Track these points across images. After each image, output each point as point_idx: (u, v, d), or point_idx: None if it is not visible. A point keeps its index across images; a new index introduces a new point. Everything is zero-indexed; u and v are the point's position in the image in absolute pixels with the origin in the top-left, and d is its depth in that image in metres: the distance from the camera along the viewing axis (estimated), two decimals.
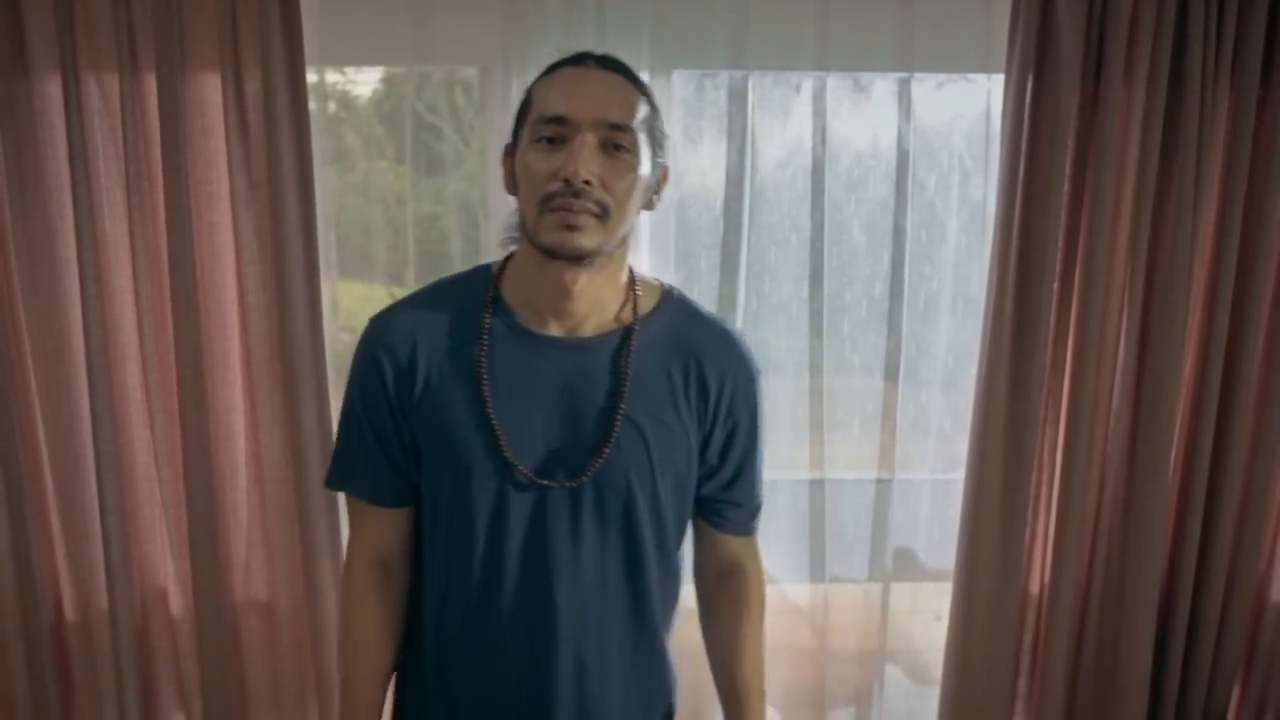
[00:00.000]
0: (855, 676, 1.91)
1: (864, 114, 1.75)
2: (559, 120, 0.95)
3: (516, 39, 1.65)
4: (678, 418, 1.04)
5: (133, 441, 1.69)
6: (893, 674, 1.93)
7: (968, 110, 1.75)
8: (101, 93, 1.57)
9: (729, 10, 1.69)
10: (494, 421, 1.00)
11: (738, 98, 1.72)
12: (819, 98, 1.71)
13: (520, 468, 1.01)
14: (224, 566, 1.74)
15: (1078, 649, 1.84)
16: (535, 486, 1.01)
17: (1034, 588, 1.83)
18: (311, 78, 1.60)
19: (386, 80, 1.79)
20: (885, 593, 1.89)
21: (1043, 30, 1.60)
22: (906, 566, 1.90)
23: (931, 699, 1.88)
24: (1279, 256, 1.70)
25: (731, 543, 1.15)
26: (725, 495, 1.11)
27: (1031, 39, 1.59)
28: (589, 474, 1.01)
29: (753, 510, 1.15)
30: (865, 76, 1.74)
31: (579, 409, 1.02)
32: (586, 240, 0.94)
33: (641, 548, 1.05)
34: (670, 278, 1.77)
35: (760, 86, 1.72)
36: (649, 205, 1.03)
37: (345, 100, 1.80)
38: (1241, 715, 1.91)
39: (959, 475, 1.80)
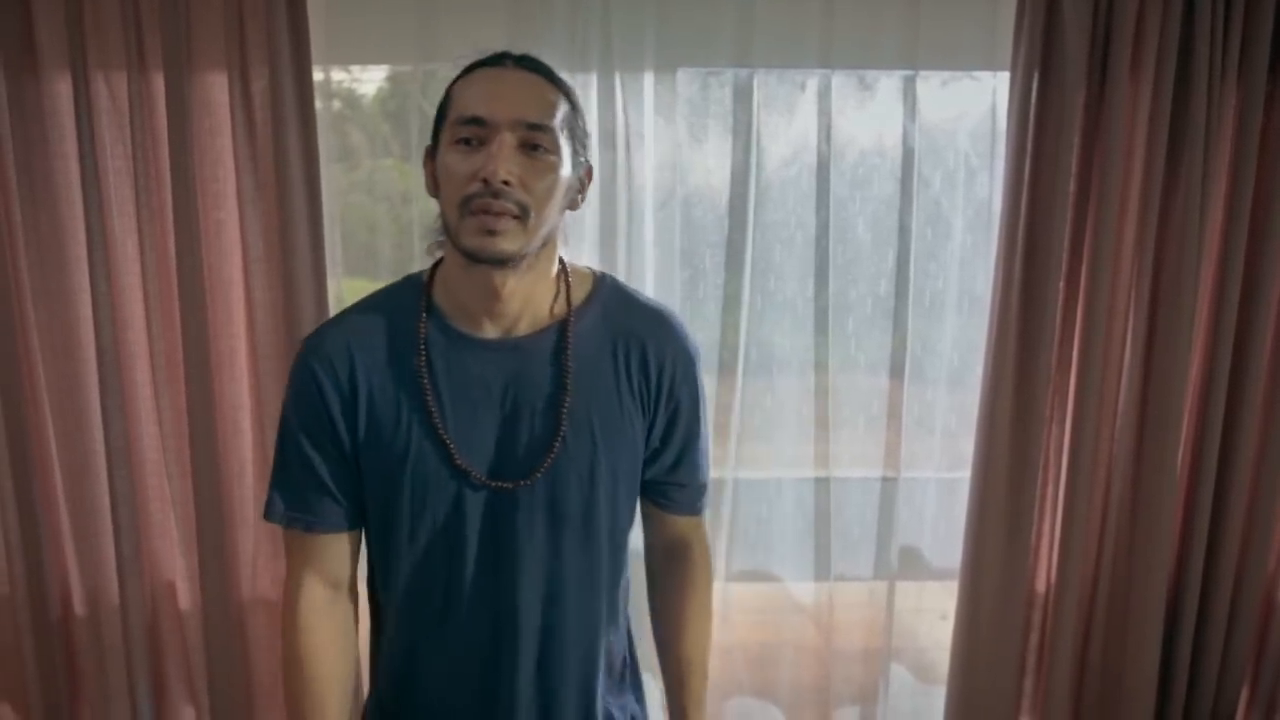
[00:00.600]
0: (860, 675, 1.91)
1: (869, 112, 1.74)
2: (477, 121, 0.94)
3: (522, 37, 1.65)
4: (621, 407, 1.04)
5: (142, 438, 1.70)
6: (898, 673, 1.93)
7: (973, 108, 1.75)
8: (110, 92, 1.59)
9: (734, 8, 1.69)
10: (441, 432, 0.99)
11: (743, 96, 1.73)
12: (824, 96, 1.71)
13: (473, 474, 0.99)
14: (231, 563, 1.75)
15: (1084, 648, 1.84)
16: (488, 489, 1.00)
17: (1040, 586, 1.83)
18: (317, 76, 1.61)
19: (391, 79, 1.80)
20: (890, 591, 1.89)
21: (1048, 28, 1.59)
22: (912, 564, 1.89)
23: (937, 698, 1.88)
24: None
25: (679, 523, 1.15)
26: (670, 477, 1.10)
27: (1037, 36, 1.59)
28: (540, 473, 1.00)
29: (698, 490, 1.14)
30: (870, 74, 1.74)
31: (524, 409, 1.01)
32: (507, 244, 0.93)
33: (595, 537, 1.04)
34: (676, 275, 1.78)
35: (765, 85, 1.72)
36: (573, 205, 1.01)
37: (350, 99, 1.80)
38: (1250, 715, 1.90)
39: (965, 474, 1.79)
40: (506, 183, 0.91)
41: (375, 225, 1.79)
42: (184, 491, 1.73)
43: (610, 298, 1.07)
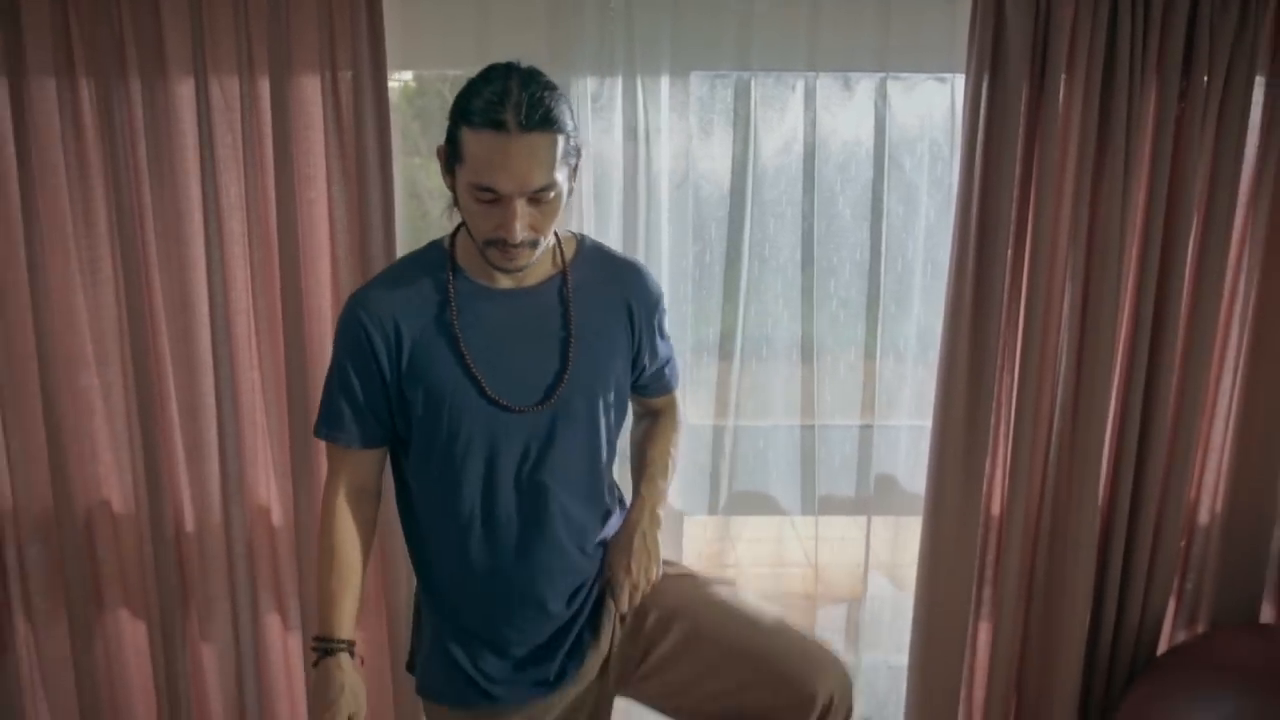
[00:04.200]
0: (845, 583, 2.25)
1: (849, 109, 2.06)
2: (492, 190, 1.16)
3: (560, 46, 1.96)
4: (613, 336, 1.36)
5: (244, 381, 2.04)
6: (876, 579, 2.26)
7: (937, 105, 2.06)
8: (223, 92, 1.92)
9: (735, 20, 2.00)
10: (472, 368, 1.28)
11: (742, 95, 2.05)
12: (810, 95, 2.03)
13: (501, 400, 1.29)
14: (316, 489, 2.09)
15: (1031, 563, 2.15)
16: (513, 412, 1.29)
17: (995, 510, 2.14)
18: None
19: (419, 79, 2.12)
20: (869, 522, 2.21)
21: (995, 36, 1.89)
22: (887, 490, 2.22)
23: (909, 602, 2.20)
24: (1200, 227, 1.99)
25: (659, 400, 1.54)
26: (652, 380, 1.48)
27: (986, 44, 1.90)
28: (557, 394, 1.30)
29: (672, 380, 1.52)
30: (851, 76, 2.06)
31: (539, 343, 1.30)
32: (523, 263, 1.24)
33: (597, 435, 1.36)
34: (689, 247, 2.11)
35: (762, 85, 2.04)
36: (570, 193, 1.25)
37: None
38: (1176, 623, 2.22)
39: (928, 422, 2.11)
40: (521, 241, 1.19)
41: (404, 220, 2.06)
42: (279, 427, 2.07)
43: (593, 253, 1.39)
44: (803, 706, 1.39)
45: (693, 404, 2.18)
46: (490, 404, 1.30)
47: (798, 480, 2.20)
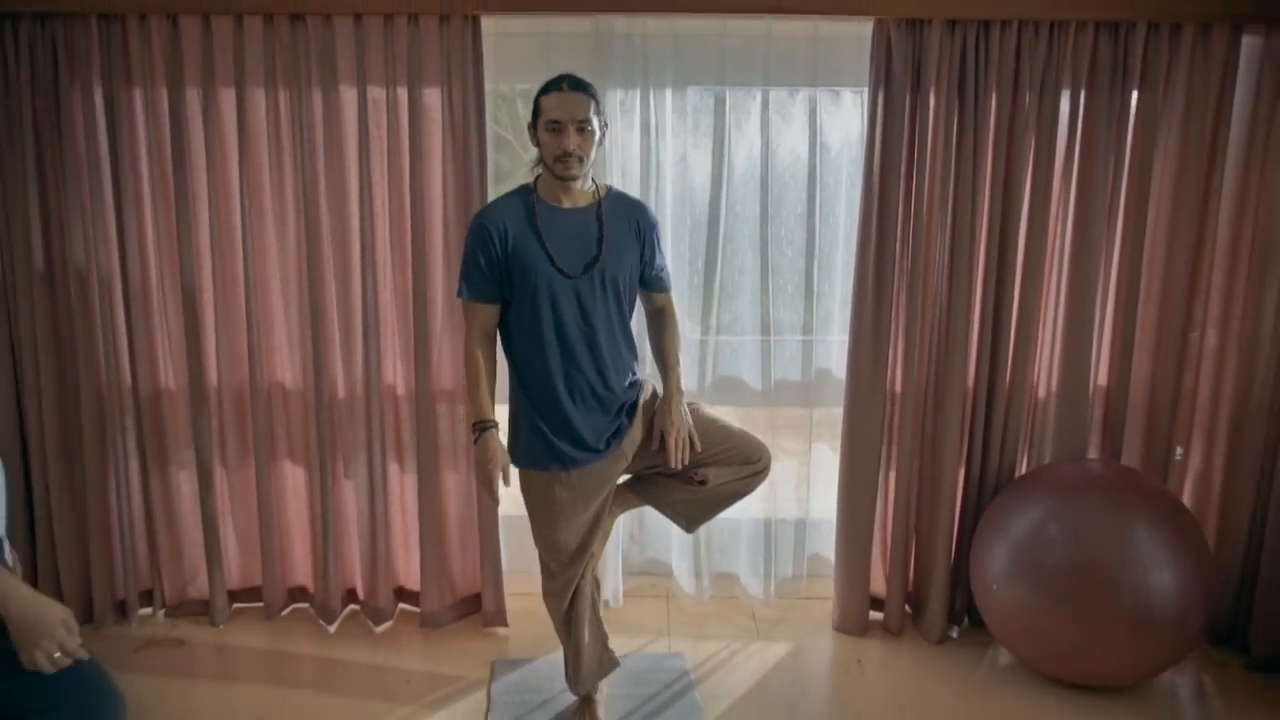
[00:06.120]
0: (794, 447, 3.20)
1: (794, 115, 3.03)
2: (557, 121, 2.14)
3: (597, 67, 2.90)
4: (627, 241, 2.32)
5: (383, 294, 2.98)
6: (818, 446, 3.22)
7: (856, 112, 3.03)
8: (374, 99, 2.87)
9: (714, 48, 2.97)
10: (547, 249, 2.23)
11: (720, 105, 3.01)
12: (765, 105, 3.00)
13: (565, 271, 2.23)
14: (428, 371, 3.02)
15: (920, 427, 3.09)
16: (573, 279, 2.24)
17: (897, 388, 3.08)
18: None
19: (504, 91, 3.10)
20: (811, 408, 3.17)
21: (886, 58, 2.83)
22: (824, 378, 3.18)
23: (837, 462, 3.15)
24: (1029, 195, 2.92)
25: (658, 297, 2.47)
26: (652, 278, 2.40)
27: (880, 64, 2.83)
28: (595, 269, 2.25)
29: (665, 279, 2.43)
30: (797, 90, 3.02)
31: (584, 239, 2.26)
32: (575, 172, 2.20)
33: (621, 301, 2.32)
34: (686, 212, 3.07)
35: (733, 96, 3.01)
36: (600, 143, 2.23)
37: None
38: (1029, 466, 3.15)
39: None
40: (573, 153, 2.17)
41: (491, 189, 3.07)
42: (404, 331, 3.01)
43: (618, 195, 2.38)
44: (748, 463, 2.36)
45: (687, 319, 3.14)
46: (557, 271, 2.25)
47: (759, 370, 3.16)
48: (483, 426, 2.28)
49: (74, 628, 1.57)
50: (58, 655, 1.52)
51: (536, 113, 2.21)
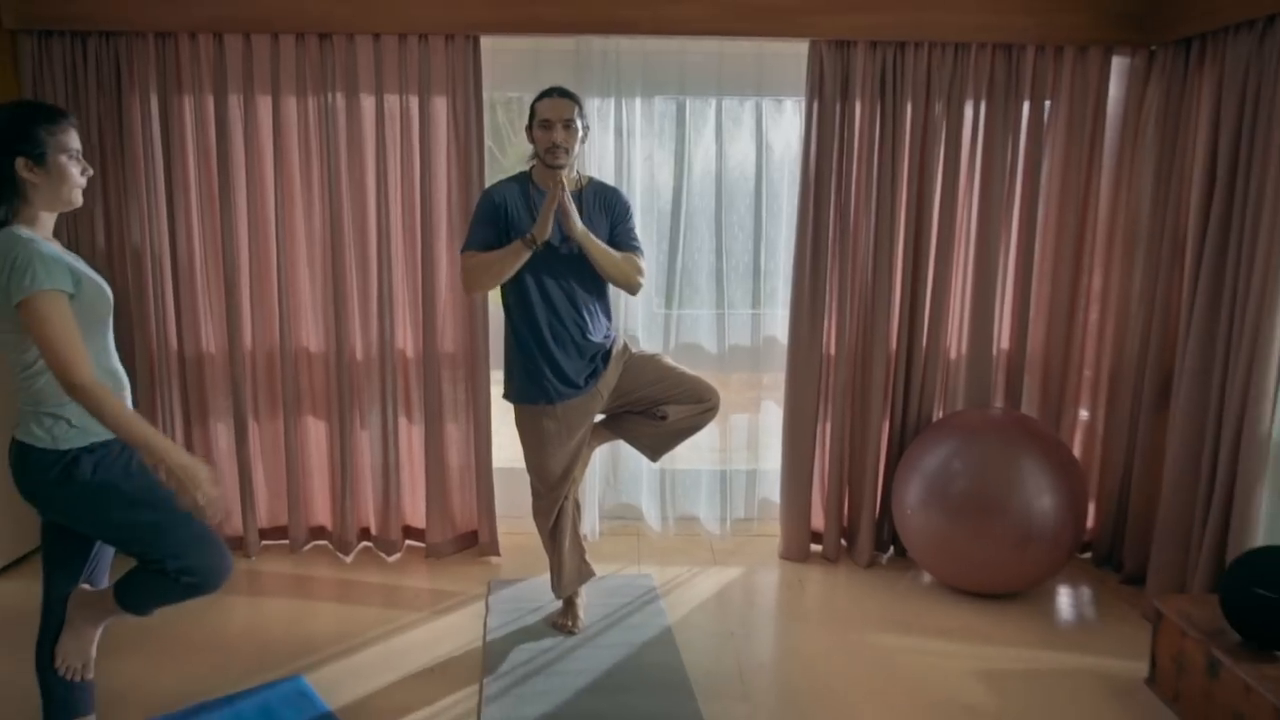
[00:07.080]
0: (745, 402, 3.76)
1: (743, 121, 3.59)
2: (548, 120, 2.68)
3: (580, 79, 3.45)
4: (602, 219, 2.84)
5: (395, 269, 3.51)
6: (766, 404, 3.78)
7: (797, 119, 3.60)
8: (387, 107, 3.41)
9: (675, 63, 3.53)
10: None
11: (681, 112, 3.57)
12: (719, 111, 3.56)
13: (551, 240, 2.72)
14: (434, 336, 3.56)
15: (851, 385, 3.64)
16: (556, 247, 2.76)
17: (831, 351, 3.64)
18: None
19: (499, 99, 3.65)
20: (760, 371, 3.73)
21: (820, 73, 3.40)
22: (771, 344, 3.74)
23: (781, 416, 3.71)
24: (941, 191, 3.50)
25: (627, 253, 2.95)
26: (621, 239, 2.88)
27: (816, 77, 3.40)
28: (572, 241, 2.77)
29: (634, 242, 2.90)
30: (745, 99, 3.58)
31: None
32: (563, 161, 2.73)
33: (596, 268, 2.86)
34: (654, 204, 3.63)
35: (692, 105, 3.57)
36: (582, 142, 2.80)
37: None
38: (945, 413, 3.72)
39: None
40: (560, 145, 2.70)
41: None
42: (414, 302, 3.54)
43: (597, 183, 2.91)
44: (701, 401, 2.91)
45: (655, 296, 3.69)
46: (545, 244, 2.80)
47: (715, 338, 3.72)
48: (525, 240, 2.69)
49: (219, 482, 1.99)
50: (205, 503, 1.97)
51: (532, 115, 2.77)
